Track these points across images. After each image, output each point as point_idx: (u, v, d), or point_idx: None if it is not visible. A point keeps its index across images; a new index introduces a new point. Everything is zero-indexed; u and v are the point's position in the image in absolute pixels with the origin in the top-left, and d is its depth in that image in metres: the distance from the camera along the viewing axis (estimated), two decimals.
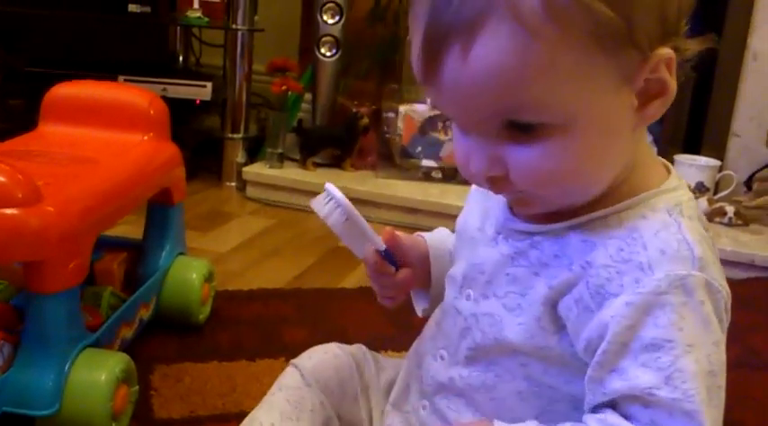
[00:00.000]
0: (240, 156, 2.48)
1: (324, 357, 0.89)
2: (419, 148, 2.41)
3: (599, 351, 0.62)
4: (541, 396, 0.69)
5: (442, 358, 0.77)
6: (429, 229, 0.93)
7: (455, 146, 0.67)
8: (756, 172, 2.44)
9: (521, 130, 0.60)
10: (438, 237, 0.89)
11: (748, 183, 2.47)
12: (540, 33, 0.55)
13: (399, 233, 0.85)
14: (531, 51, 0.55)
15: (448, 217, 2.20)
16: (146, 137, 1.32)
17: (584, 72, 0.57)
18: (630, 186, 0.66)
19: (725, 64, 2.56)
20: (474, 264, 0.74)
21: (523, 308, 0.68)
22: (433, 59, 0.58)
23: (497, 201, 0.74)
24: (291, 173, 2.37)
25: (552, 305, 0.66)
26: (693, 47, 0.64)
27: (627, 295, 0.60)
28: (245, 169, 2.40)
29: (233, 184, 2.46)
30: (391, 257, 0.82)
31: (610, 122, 0.61)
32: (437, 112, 2.40)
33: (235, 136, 2.47)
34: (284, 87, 2.42)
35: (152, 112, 1.35)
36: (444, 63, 0.57)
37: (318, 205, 0.80)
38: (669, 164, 0.71)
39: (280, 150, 2.42)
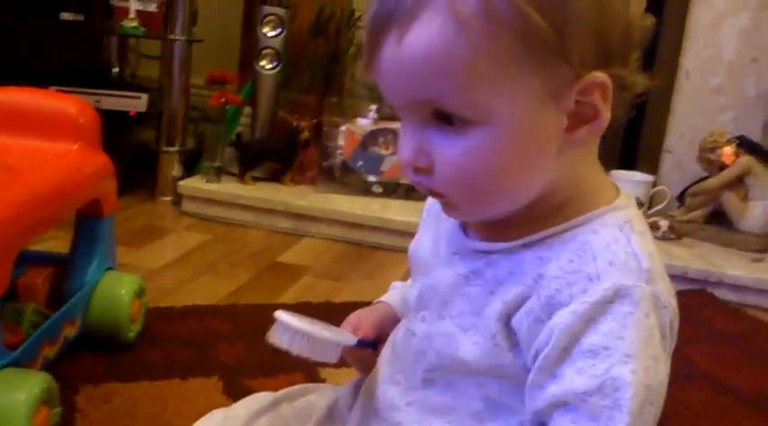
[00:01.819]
0: (176, 170, 2.41)
1: None
2: (360, 163, 2.38)
3: (541, 356, 0.62)
4: (498, 418, 0.68)
5: (398, 382, 0.76)
6: (370, 244, 0.91)
7: (400, 138, 0.68)
8: (688, 187, 2.48)
9: (447, 123, 0.61)
10: (398, 295, 0.90)
11: (681, 198, 2.51)
12: (469, 28, 0.57)
13: (362, 314, 0.87)
14: (458, 44, 0.57)
15: (388, 231, 2.18)
16: (75, 147, 1.27)
17: (509, 76, 0.58)
18: (581, 204, 0.66)
19: (657, 81, 2.60)
20: (428, 285, 0.73)
21: (478, 327, 0.67)
22: (374, 44, 0.61)
23: (451, 223, 0.74)
24: (229, 188, 2.33)
25: (506, 320, 0.65)
26: (640, 81, 0.64)
27: (574, 304, 0.61)
28: (181, 183, 2.34)
29: (168, 199, 2.39)
30: (366, 342, 0.83)
31: (530, 135, 0.61)
32: (379, 127, 2.38)
33: (171, 149, 2.41)
34: (223, 99, 2.37)
35: (81, 121, 1.30)
36: (382, 48, 0.60)
37: (277, 338, 0.79)
38: (617, 185, 0.71)
39: (217, 164, 2.36)
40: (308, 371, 1.31)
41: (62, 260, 1.33)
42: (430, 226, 0.78)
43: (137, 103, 2.35)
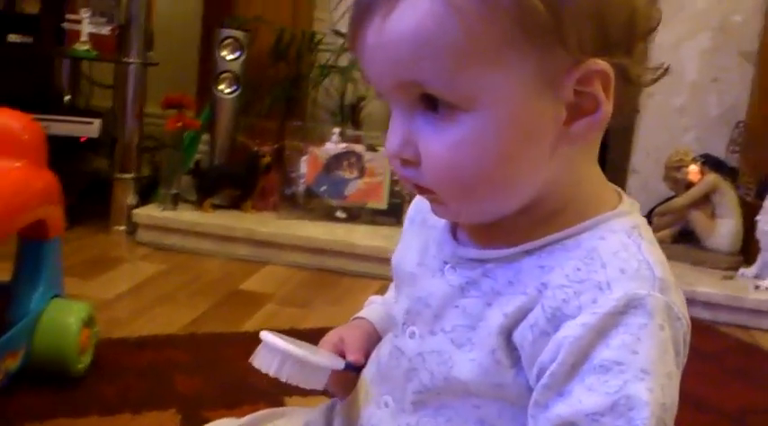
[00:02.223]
0: (131, 198, 2.32)
1: None
2: (324, 187, 2.31)
3: (547, 373, 0.56)
4: None
5: (386, 405, 0.69)
6: (335, 270, 0.84)
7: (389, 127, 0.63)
8: (656, 206, 2.45)
9: (434, 110, 0.57)
10: (380, 310, 0.83)
11: (648, 218, 2.48)
12: (459, 7, 0.53)
13: (343, 332, 0.79)
14: (447, 24, 0.54)
15: (354, 256, 2.12)
16: (18, 164, 1.18)
17: (500, 59, 0.55)
18: (583, 208, 0.62)
19: (622, 102, 2.59)
20: (419, 298, 0.67)
21: (475, 343, 0.61)
22: (359, 24, 0.58)
23: (439, 231, 0.68)
24: (186, 216, 2.25)
25: (507, 334, 0.60)
26: (647, 74, 0.60)
27: (584, 315, 0.56)
28: (136, 211, 2.25)
29: (122, 228, 2.29)
30: (352, 364, 0.76)
31: (527, 126, 0.57)
32: (343, 150, 2.32)
33: (125, 176, 2.32)
34: (180, 124, 2.29)
35: (26, 137, 1.22)
36: (367, 27, 0.57)
37: (264, 362, 0.72)
38: (620, 189, 0.66)
39: (174, 191, 2.28)
40: (273, 401, 1.23)
41: (4, 287, 1.24)
42: (414, 235, 0.73)
43: (88, 129, 2.27)
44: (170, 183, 2.28)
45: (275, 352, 0.71)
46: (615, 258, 0.57)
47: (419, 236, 0.71)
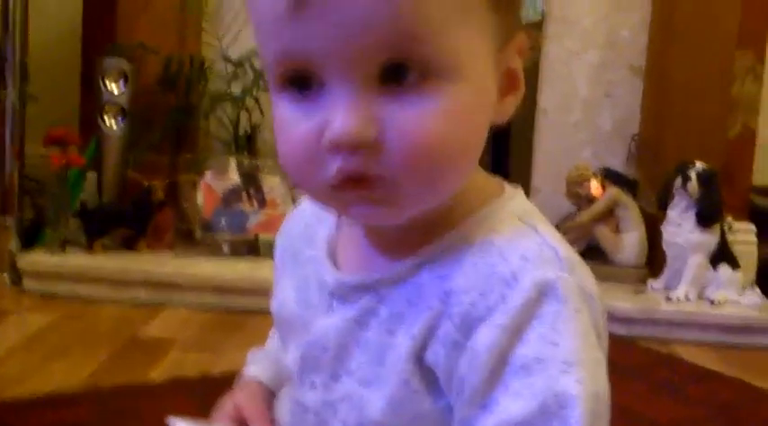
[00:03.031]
0: (13, 244, 2.16)
1: None
2: (223, 222, 2.21)
3: (466, 386, 0.51)
4: None
5: None
6: (241, 309, 0.75)
7: (290, 131, 0.52)
8: (559, 223, 2.46)
9: (399, 82, 0.49)
10: (263, 366, 0.73)
11: None
12: None
13: (238, 400, 0.70)
14: None
15: (261, 293, 1.99)
16: None
17: (477, 19, 0.51)
18: (470, 204, 0.57)
19: (518, 120, 2.61)
20: (311, 343, 0.59)
21: (384, 377, 0.55)
22: None
23: (317, 262, 0.61)
24: (76, 259, 2.11)
25: (419, 358, 0.54)
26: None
27: (495, 316, 0.51)
28: (21, 258, 2.09)
29: (5, 276, 2.12)
30: None
31: (487, 91, 0.54)
32: (241, 182, 2.22)
33: (6, 220, 2.15)
34: (64, 161, 2.14)
35: None
36: None
37: None
38: (500, 178, 0.61)
39: (61, 234, 2.13)
40: None
41: None
42: (288, 274, 0.65)
43: None
44: (56, 226, 2.14)
45: None
46: (513, 246, 0.53)
47: (293, 275, 0.64)
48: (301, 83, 0.51)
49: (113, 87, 2.25)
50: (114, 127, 2.27)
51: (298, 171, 0.53)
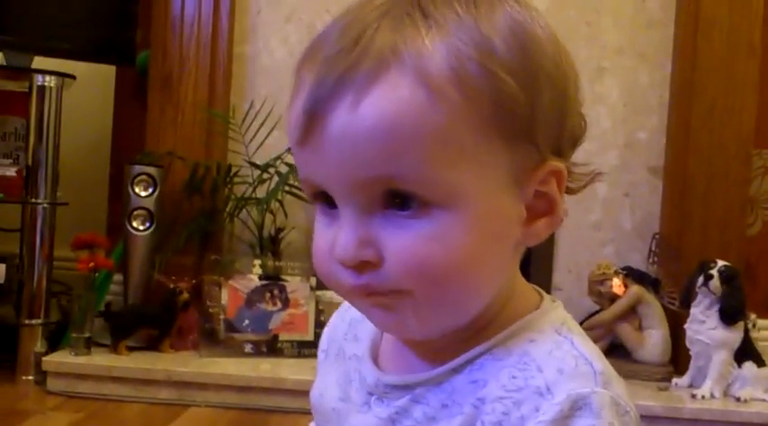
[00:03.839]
0: (39, 345, 2.19)
1: None
2: (246, 322, 2.22)
3: None
4: None
5: None
6: (264, 408, 0.77)
7: (317, 239, 0.57)
8: (582, 322, 2.44)
9: (401, 205, 0.52)
10: None
11: None
12: (442, 96, 0.50)
13: None
14: (429, 113, 0.50)
15: (284, 392, 2.02)
16: None
17: (479, 150, 0.52)
18: (509, 314, 0.58)
19: None
20: None
21: None
22: (320, 111, 0.52)
23: (359, 360, 0.63)
24: (100, 360, 2.12)
25: None
26: (581, 177, 0.60)
27: None
28: (46, 359, 2.11)
29: (30, 378, 2.15)
30: None
31: (497, 220, 0.55)
32: (264, 282, 2.25)
33: (33, 322, 2.18)
34: (92, 264, 2.19)
35: None
36: (332, 115, 0.51)
37: None
38: (538, 287, 0.64)
39: (87, 334, 2.16)
40: None
41: None
42: (331, 368, 0.67)
43: None
44: (82, 327, 2.16)
45: None
46: (550, 358, 0.54)
47: (337, 369, 0.66)
48: (325, 198, 0.55)
49: (142, 193, 2.31)
50: (141, 230, 2.32)
51: (322, 277, 0.57)
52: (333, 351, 0.67)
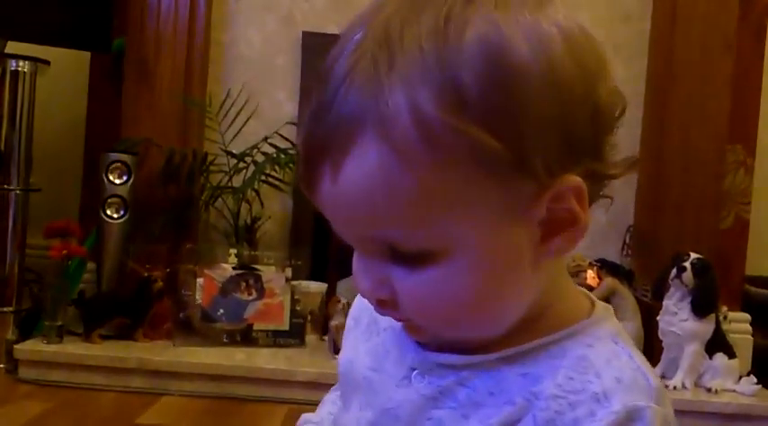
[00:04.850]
0: (11, 333, 2.16)
1: None
2: (221, 311, 2.21)
3: None
4: None
5: None
6: (238, 397, 0.76)
7: (354, 261, 0.58)
8: None
9: (401, 257, 0.53)
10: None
11: None
12: (410, 158, 0.49)
13: None
14: (400, 177, 0.49)
15: (258, 381, 2.01)
16: None
17: (466, 201, 0.50)
18: (560, 313, 0.58)
19: None
20: (386, 409, 0.61)
21: None
22: (310, 175, 0.52)
23: (397, 334, 0.63)
24: (72, 348, 2.10)
25: None
26: (618, 170, 0.56)
27: None
28: (18, 347, 2.09)
29: (1, 366, 2.12)
30: None
31: (501, 256, 0.53)
32: (240, 272, 2.24)
33: (5, 310, 2.16)
34: (65, 251, 2.16)
35: None
36: (319, 180, 0.52)
37: None
38: (589, 292, 0.63)
39: (59, 323, 2.13)
40: None
41: None
42: (363, 338, 0.67)
43: None
44: (54, 315, 2.13)
45: None
46: (609, 367, 0.54)
47: (369, 339, 0.66)
48: None
49: (116, 180, 2.29)
50: (115, 217, 2.30)
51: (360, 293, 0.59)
52: (364, 320, 0.67)
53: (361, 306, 0.69)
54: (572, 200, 0.52)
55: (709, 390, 2.08)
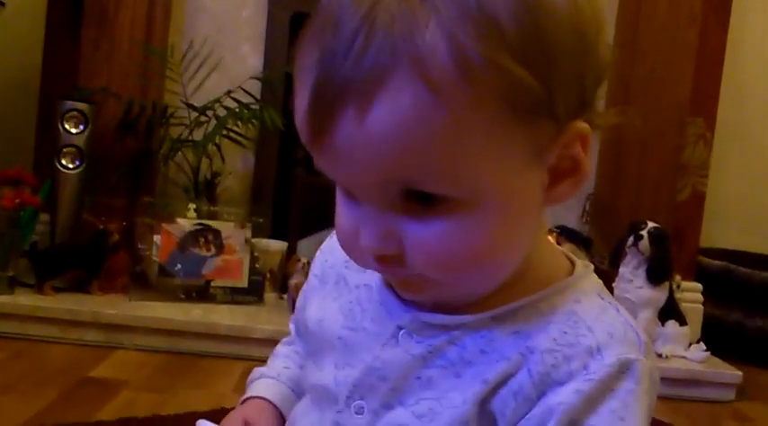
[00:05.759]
0: None
1: None
2: (178, 266, 2.18)
3: None
4: None
5: None
6: (194, 353, 0.75)
7: (339, 216, 0.57)
8: None
9: (420, 203, 0.52)
10: (272, 386, 0.74)
11: None
12: (448, 96, 0.47)
13: (246, 414, 0.71)
14: (437, 116, 0.48)
15: (215, 337, 1.99)
16: None
17: (496, 143, 0.50)
18: (543, 272, 0.59)
19: None
20: (372, 369, 0.60)
21: (440, 414, 0.56)
22: (324, 121, 0.49)
23: (375, 292, 0.62)
24: (24, 300, 2.05)
25: (483, 402, 0.55)
26: (608, 120, 0.58)
27: (576, 382, 0.54)
28: None
29: None
30: None
31: (519, 201, 0.54)
32: (198, 227, 2.21)
33: None
34: (17, 201, 2.11)
35: None
36: (337, 125, 0.49)
37: None
38: (565, 250, 0.64)
39: (10, 273, 2.08)
40: None
41: None
42: (331, 296, 0.66)
43: None
44: (5, 266, 2.08)
45: None
46: (598, 321, 0.56)
47: (339, 297, 0.65)
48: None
49: (72, 129, 2.23)
50: (71, 168, 2.25)
51: (346, 251, 0.58)
52: (331, 278, 0.66)
53: (324, 265, 0.68)
54: (578, 147, 0.54)
55: (660, 356, 2.12)
